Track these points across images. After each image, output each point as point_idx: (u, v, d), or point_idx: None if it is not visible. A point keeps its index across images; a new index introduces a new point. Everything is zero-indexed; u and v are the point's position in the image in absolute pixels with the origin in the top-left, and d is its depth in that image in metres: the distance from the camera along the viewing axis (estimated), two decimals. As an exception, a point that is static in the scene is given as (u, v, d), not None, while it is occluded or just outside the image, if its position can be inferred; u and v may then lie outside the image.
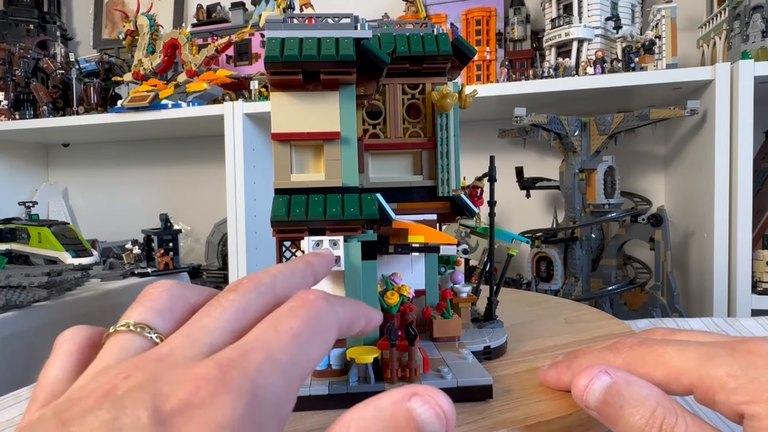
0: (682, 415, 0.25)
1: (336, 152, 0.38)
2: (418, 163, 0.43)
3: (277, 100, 0.37)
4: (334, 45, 0.36)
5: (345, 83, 0.38)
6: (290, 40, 0.36)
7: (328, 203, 0.37)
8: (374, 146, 0.44)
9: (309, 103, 0.38)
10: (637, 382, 0.27)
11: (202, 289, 0.25)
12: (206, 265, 1.60)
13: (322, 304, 0.23)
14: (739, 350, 0.26)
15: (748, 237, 0.95)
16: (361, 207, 0.36)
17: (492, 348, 0.43)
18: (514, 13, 1.28)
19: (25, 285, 0.93)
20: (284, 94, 0.37)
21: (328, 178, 0.38)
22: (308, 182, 0.38)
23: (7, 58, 1.57)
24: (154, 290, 0.24)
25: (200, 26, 1.55)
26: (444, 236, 0.40)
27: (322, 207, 0.36)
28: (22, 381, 0.58)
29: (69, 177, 1.95)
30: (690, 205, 1.13)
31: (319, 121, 0.38)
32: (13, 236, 1.34)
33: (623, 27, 1.12)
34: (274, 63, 0.35)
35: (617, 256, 1.11)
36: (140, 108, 1.33)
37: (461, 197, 0.43)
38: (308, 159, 0.38)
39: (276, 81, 0.36)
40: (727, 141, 0.97)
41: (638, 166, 1.35)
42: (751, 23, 0.99)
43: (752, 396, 0.24)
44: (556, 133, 1.10)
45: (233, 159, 1.27)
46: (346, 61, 0.36)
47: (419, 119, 0.44)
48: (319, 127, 0.38)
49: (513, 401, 0.35)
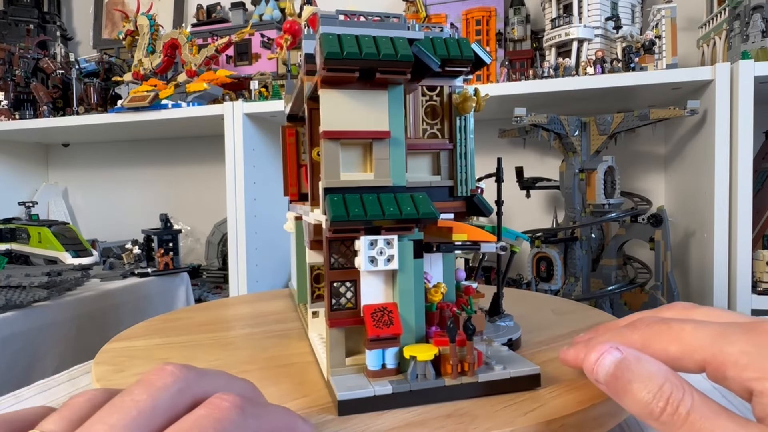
0: (689, 392, 0.26)
1: (385, 151, 0.38)
2: (437, 164, 0.44)
3: (329, 98, 0.37)
4: (390, 44, 0.36)
5: (395, 83, 0.38)
6: (347, 37, 0.36)
7: (382, 202, 0.37)
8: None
9: (359, 101, 0.38)
10: (646, 359, 0.28)
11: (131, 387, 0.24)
12: (206, 265, 1.60)
13: (235, 416, 0.22)
14: (755, 330, 0.26)
15: (748, 237, 0.95)
16: (416, 206, 0.37)
17: (513, 340, 0.45)
18: (514, 13, 1.28)
19: (25, 285, 0.93)
20: (335, 92, 0.37)
21: (377, 177, 0.38)
22: (358, 181, 0.38)
23: (7, 58, 1.57)
24: (77, 400, 0.24)
25: (200, 26, 1.55)
26: (485, 234, 0.40)
27: (378, 206, 0.36)
28: (22, 381, 0.58)
29: (69, 177, 1.95)
30: (690, 205, 1.13)
31: (369, 120, 0.38)
32: (13, 236, 1.34)
33: (623, 27, 1.12)
34: (335, 59, 0.35)
35: (617, 256, 1.11)
36: (140, 108, 1.33)
37: (479, 196, 0.44)
38: (356, 158, 0.39)
39: (330, 78, 0.36)
40: (727, 141, 0.97)
41: (638, 166, 1.35)
42: (751, 23, 0.99)
43: (763, 373, 0.25)
44: (556, 133, 1.10)
45: (233, 159, 1.27)
46: (404, 61, 0.36)
47: (437, 121, 0.45)
48: (369, 125, 0.38)
49: (558, 387, 0.36)
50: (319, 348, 0.44)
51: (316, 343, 0.46)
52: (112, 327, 1.06)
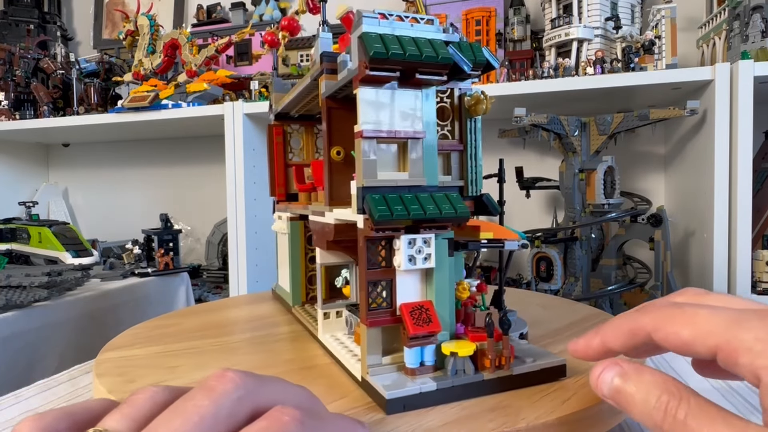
0: (686, 399, 0.26)
1: (419, 151, 0.39)
2: (447, 164, 0.44)
3: (367, 97, 0.37)
4: (430, 46, 0.37)
5: (431, 84, 0.39)
6: (389, 37, 0.36)
7: (422, 202, 0.37)
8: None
9: (395, 101, 0.38)
10: (646, 370, 0.28)
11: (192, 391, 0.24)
12: (206, 265, 1.60)
13: (296, 430, 0.21)
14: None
15: (748, 237, 0.95)
16: (453, 205, 0.38)
17: (524, 334, 0.47)
18: (514, 13, 1.29)
19: (25, 285, 0.93)
20: (373, 91, 0.37)
21: (411, 177, 0.39)
22: (394, 180, 0.38)
23: (8, 58, 1.57)
24: (138, 397, 0.24)
25: (200, 26, 1.55)
26: (508, 232, 0.41)
27: (419, 205, 0.37)
28: (22, 381, 0.58)
29: (69, 177, 1.95)
30: (690, 205, 1.13)
31: (404, 120, 0.39)
32: (14, 236, 1.34)
33: (623, 27, 1.12)
34: (380, 59, 0.35)
35: (617, 256, 1.11)
36: (140, 108, 1.33)
37: (488, 196, 0.44)
38: (390, 157, 0.39)
39: (370, 77, 0.37)
40: (727, 141, 0.97)
41: (638, 166, 1.35)
42: (750, 23, 0.99)
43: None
44: (556, 133, 1.10)
45: (233, 159, 1.27)
46: (444, 63, 0.37)
47: (447, 122, 0.45)
48: (404, 126, 0.39)
49: (581, 377, 0.38)
50: (339, 349, 0.45)
51: (333, 345, 0.46)
52: (112, 327, 1.06)
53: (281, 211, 0.68)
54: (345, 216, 0.42)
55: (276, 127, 0.70)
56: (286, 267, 0.65)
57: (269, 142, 0.70)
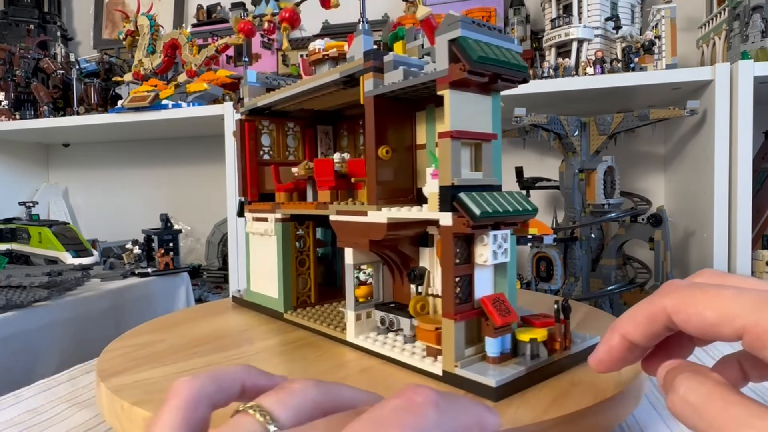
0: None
1: (490, 152, 0.42)
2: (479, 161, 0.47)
3: (455, 99, 0.40)
4: (510, 54, 0.40)
5: (501, 89, 0.43)
6: (482, 44, 0.39)
7: (504, 200, 0.40)
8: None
9: (474, 104, 0.41)
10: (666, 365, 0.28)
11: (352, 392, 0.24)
12: (206, 265, 1.60)
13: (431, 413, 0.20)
14: None
15: (748, 237, 0.95)
16: (526, 204, 0.41)
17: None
18: (514, 13, 1.28)
19: (25, 285, 0.93)
20: (460, 94, 0.40)
21: (485, 177, 0.42)
22: (473, 180, 0.41)
23: (8, 58, 1.58)
24: (296, 385, 0.24)
25: (200, 26, 1.55)
26: (546, 227, 0.45)
27: (504, 203, 0.40)
28: (22, 381, 0.58)
29: (69, 177, 1.95)
30: (690, 205, 1.13)
31: (480, 122, 0.41)
32: (14, 236, 1.34)
33: (623, 27, 1.12)
34: (480, 63, 0.38)
35: (617, 256, 1.11)
36: (140, 108, 1.33)
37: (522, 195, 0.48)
38: (466, 158, 0.41)
39: (464, 80, 0.39)
40: (727, 141, 0.97)
41: (638, 166, 1.35)
42: (750, 23, 0.99)
43: None
44: (555, 133, 1.10)
45: (233, 159, 1.27)
46: (523, 71, 0.41)
47: None
48: (480, 127, 0.41)
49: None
50: (393, 349, 0.45)
51: (379, 346, 0.47)
52: (112, 327, 1.06)
53: (258, 212, 0.66)
54: (412, 214, 0.43)
55: (248, 123, 0.67)
56: (272, 272, 0.63)
57: (240, 138, 0.68)
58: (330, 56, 0.60)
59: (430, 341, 0.43)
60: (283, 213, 0.62)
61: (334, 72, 0.53)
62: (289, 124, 0.73)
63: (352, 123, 0.74)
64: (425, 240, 0.50)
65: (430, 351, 0.43)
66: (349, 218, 0.50)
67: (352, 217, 0.49)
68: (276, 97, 0.63)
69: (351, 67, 0.50)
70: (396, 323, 0.49)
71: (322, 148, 0.76)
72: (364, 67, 0.48)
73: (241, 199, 0.70)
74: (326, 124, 0.76)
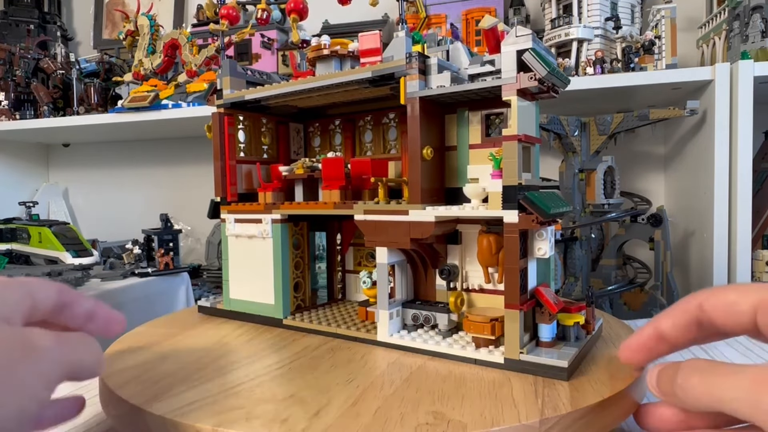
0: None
1: (536, 155, 0.47)
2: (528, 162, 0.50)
3: (520, 106, 0.44)
4: (558, 67, 0.45)
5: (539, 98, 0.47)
6: (547, 57, 0.44)
7: (554, 198, 0.45)
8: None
9: (527, 111, 0.45)
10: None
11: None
12: (206, 265, 1.60)
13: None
14: None
15: (748, 237, 0.95)
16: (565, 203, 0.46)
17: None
18: (514, 13, 1.28)
19: (25, 285, 0.93)
20: (521, 101, 0.44)
21: (533, 177, 0.46)
22: (528, 180, 0.44)
23: (8, 59, 1.57)
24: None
25: (200, 26, 1.55)
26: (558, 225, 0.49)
27: (557, 201, 0.45)
28: (22, 380, 0.57)
29: (69, 177, 1.95)
30: (690, 205, 1.13)
31: (530, 127, 0.45)
32: (14, 236, 1.34)
33: (623, 27, 1.12)
34: (552, 75, 0.43)
35: (617, 256, 1.11)
36: (140, 108, 1.33)
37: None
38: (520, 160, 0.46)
39: (527, 90, 0.44)
40: (727, 141, 0.97)
41: (638, 166, 1.35)
42: (750, 23, 0.99)
43: None
44: (555, 133, 1.10)
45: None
46: (566, 83, 0.47)
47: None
48: (530, 132, 0.45)
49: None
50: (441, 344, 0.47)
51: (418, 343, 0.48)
52: (112, 327, 1.06)
53: (245, 214, 0.62)
54: (468, 213, 0.46)
55: (228, 117, 0.64)
56: (264, 276, 0.60)
57: (219, 133, 0.64)
58: (338, 53, 0.59)
59: (485, 332, 0.45)
60: (282, 214, 0.60)
61: (364, 71, 0.53)
62: (263, 120, 0.70)
63: (326, 122, 0.72)
64: (454, 237, 0.53)
65: (480, 342, 0.46)
66: (383, 218, 0.50)
67: (388, 216, 0.50)
68: (283, 90, 0.59)
69: (389, 67, 0.51)
70: (432, 319, 0.50)
71: (294, 146, 0.75)
72: (408, 68, 0.49)
73: (215, 200, 0.66)
74: (297, 122, 0.74)
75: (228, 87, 0.63)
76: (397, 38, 0.51)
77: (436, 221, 0.47)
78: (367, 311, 0.56)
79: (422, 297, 0.56)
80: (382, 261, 0.50)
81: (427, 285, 0.55)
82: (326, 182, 0.58)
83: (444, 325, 0.50)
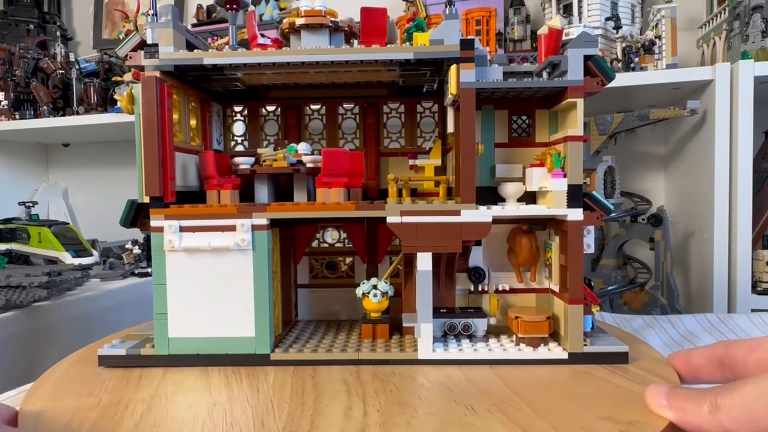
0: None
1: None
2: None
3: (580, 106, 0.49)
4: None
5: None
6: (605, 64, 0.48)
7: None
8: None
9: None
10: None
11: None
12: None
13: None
14: None
15: (748, 237, 0.95)
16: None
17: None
18: (514, 13, 1.28)
19: (25, 285, 0.93)
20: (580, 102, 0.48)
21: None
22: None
23: (7, 58, 1.57)
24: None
25: (200, 26, 1.55)
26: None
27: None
28: (22, 381, 0.57)
29: (69, 177, 1.95)
30: (690, 205, 1.13)
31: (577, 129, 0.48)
32: (13, 236, 1.34)
33: (623, 27, 1.12)
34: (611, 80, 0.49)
35: (617, 256, 1.11)
36: (140, 108, 1.33)
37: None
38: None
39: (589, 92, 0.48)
40: (727, 141, 0.96)
41: (638, 166, 1.35)
42: (751, 23, 0.99)
43: None
44: (556, 133, 1.10)
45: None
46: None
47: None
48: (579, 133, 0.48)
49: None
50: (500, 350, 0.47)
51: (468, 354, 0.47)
52: (112, 327, 1.06)
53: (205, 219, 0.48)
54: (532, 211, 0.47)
55: (167, 85, 0.48)
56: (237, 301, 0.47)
57: (154, 104, 0.46)
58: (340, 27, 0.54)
59: (541, 331, 0.46)
60: (267, 218, 0.47)
61: (401, 50, 0.47)
62: (190, 96, 0.55)
63: (255, 105, 0.61)
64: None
65: (535, 341, 0.46)
66: (427, 219, 0.45)
67: (435, 217, 0.45)
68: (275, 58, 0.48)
69: (439, 51, 0.47)
70: (471, 326, 0.49)
71: (215, 132, 0.62)
72: (462, 56, 0.46)
73: (134, 200, 0.54)
74: (218, 102, 0.62)
75: (171, 43, 0.48)
76: (449, 21, 0.47)
77: (492, 221, 0.45)
78: (375, 328, 0.50)
79: (439, 304, 0.51)
80: (427, 268, 0.45)
81: (445, 291, 0.52)
82: (326, 178, 0.50)
83: (483, 330, 0.49)
